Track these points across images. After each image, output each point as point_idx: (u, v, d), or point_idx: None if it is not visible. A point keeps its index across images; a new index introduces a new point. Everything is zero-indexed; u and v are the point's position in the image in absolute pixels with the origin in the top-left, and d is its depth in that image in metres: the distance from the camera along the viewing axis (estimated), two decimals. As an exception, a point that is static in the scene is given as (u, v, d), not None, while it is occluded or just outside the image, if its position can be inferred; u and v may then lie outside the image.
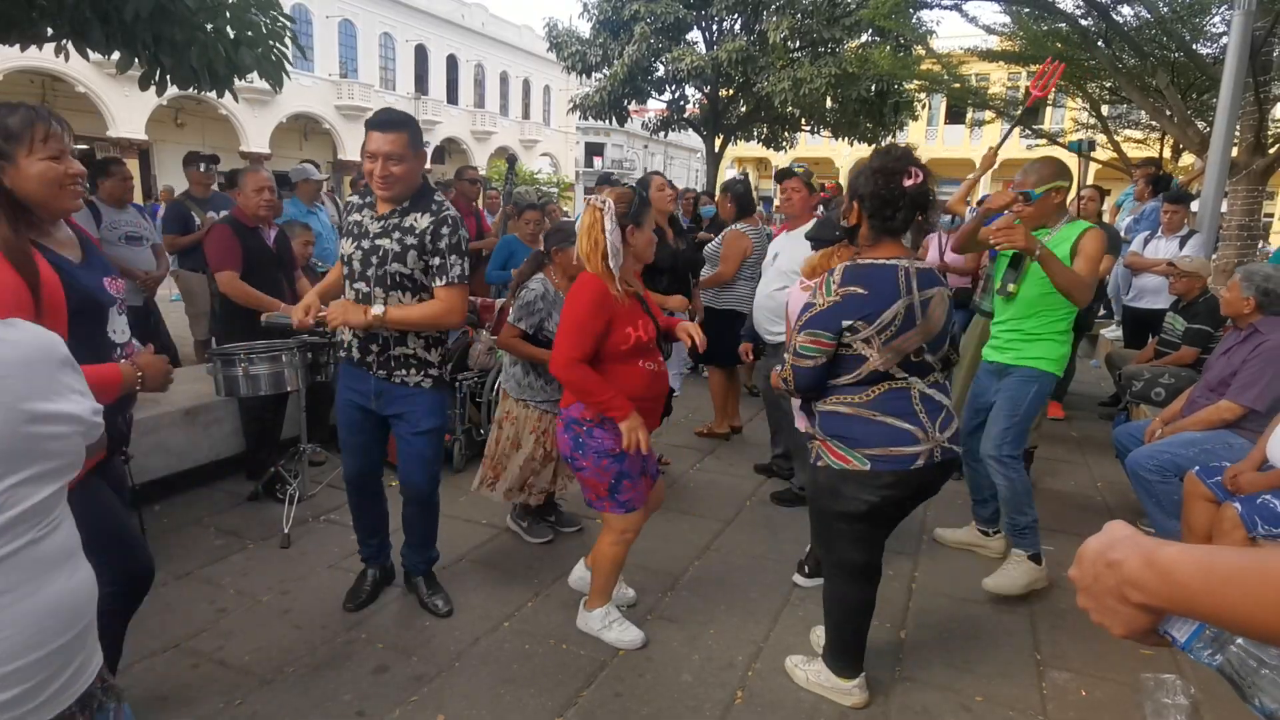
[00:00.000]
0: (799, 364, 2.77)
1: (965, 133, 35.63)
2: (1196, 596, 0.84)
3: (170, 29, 5.40)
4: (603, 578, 3.44)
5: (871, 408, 2.76)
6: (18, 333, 1.29)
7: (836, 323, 2.70)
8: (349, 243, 3.30)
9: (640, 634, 3.43)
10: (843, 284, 2.70)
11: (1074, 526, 4.80)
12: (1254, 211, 8.86)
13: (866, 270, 2.73)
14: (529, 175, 37.29)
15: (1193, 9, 11.07)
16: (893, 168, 2.71)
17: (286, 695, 2.99)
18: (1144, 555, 0.89)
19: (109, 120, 26.79)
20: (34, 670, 1.28)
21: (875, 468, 2.75)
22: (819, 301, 2.74)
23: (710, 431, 6.53)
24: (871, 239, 2.80)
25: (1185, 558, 0.86)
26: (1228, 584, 0.81)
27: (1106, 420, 7.10)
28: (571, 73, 21.40)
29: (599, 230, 3.05)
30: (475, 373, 5.48)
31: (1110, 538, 0.96)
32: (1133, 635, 0.93)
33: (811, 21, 18.30)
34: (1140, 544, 0.91)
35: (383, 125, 3.11)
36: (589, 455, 3.16)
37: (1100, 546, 0.96)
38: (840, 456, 2.80)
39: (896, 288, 2.69)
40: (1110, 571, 0.93)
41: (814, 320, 2.73)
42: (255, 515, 4.61)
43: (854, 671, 3.06)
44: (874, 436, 2.75)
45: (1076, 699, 3.13)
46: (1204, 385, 4.48)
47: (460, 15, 40.61)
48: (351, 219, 3.33)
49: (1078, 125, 17.72)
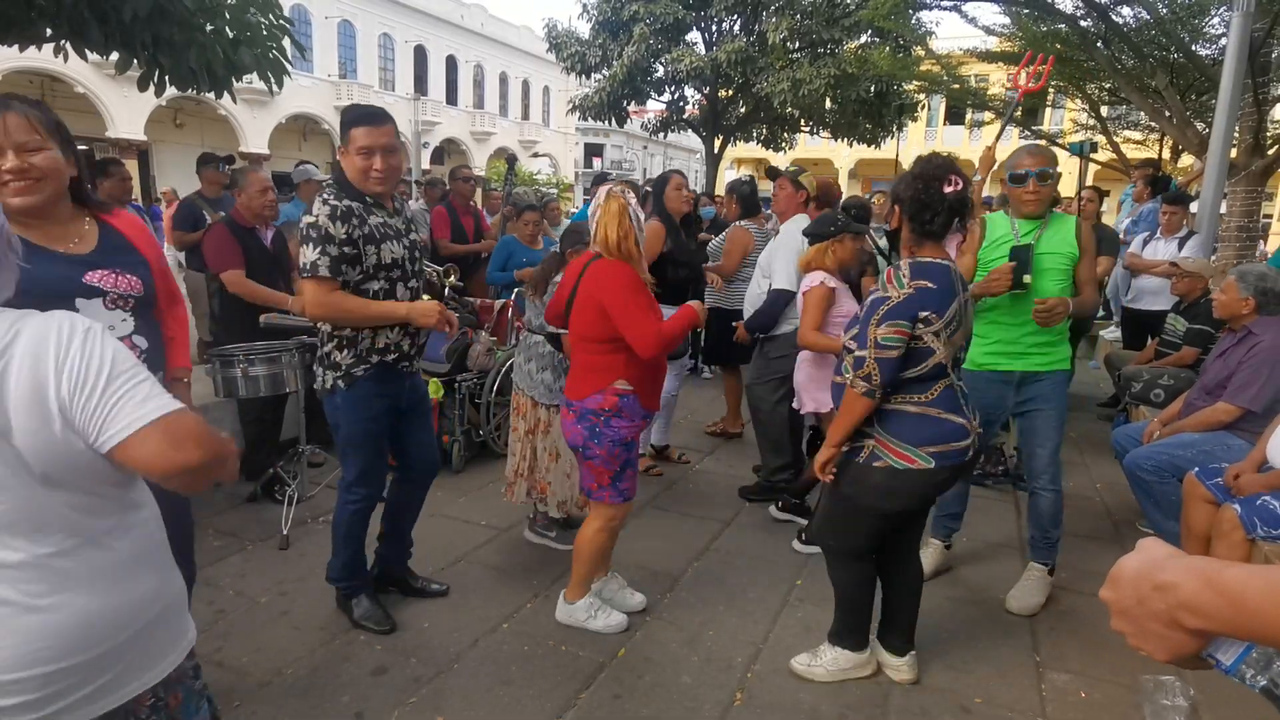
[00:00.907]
0: (884, 355, 2.79)
1: (965, 134, 35.66)
2: (1269, 620, 0.79)
3: (169, 29, 5.38)
4: (586, 567, 3.49)
5: (936, 405, 2.87)
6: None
7: (913, 313, 2.77)
8: (396, 245, 3.18)
9: (623, 617, 3.53)
10: (913, 277, 2.80)
11: (1073, 528, 4.79)
12: (1253, 212, 8.86)
13: (930, 267, 2.83)
14: (528, 176, 37.27)
15: (1192, 10, 11.08)
16: (933, 174, 2.83)
17: (285, 697, 2.99)
18: (1204, 578, 0.84)
19: (108, 121, 26.78)
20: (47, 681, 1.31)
21: (938, 464, 2.85)
22: (893, 294, 2.80)
23: (724, 430, 6.55)
24: (914, 242, 2.91)
25: (1255, 580, 0.81)
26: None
27: (1106, 421, 7.09)
28: (571, 73, 21.38)
29: (628, 216, 3.17)
30: (474, 374, 5.48)
31: (1152, 558, 0.91)
32: (1175, 660, 0.88)
33: (811, 22, 18.28)
34: (1194, 565, 0.86)
35: (374, 119, 3.08)
36: (605, 444, 3.24)
37: (1143, 568, 0.91)
38: (904, 457, 2.86)
39: (954, 285, 2.83)
40: (1159, 595, 0.87)
41: (893, 311, 2.78)
42: (254, 516, 4.60)
43: (865, 643, 3.22)
44: (938, 434, 2.86)
45: (1076, 700, 3.13)
46: (1200, 388, 4.48)
47: (459, 16, 40.61)
48: (375, 222, 3.13)
49: (1077, 126, 17.72)
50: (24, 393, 1.25)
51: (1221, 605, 0.82)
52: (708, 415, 6.92)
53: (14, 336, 1.27)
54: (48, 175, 2.18)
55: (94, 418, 1.28)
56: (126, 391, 1.31)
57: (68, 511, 1.32)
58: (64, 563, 1.32)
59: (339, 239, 3.01)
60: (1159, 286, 6.87)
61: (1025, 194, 3.65)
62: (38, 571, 1.30)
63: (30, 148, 2.12)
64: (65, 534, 1.32)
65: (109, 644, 1.38)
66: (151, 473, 1.34)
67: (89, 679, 1.36)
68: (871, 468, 2.91)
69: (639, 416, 3.28)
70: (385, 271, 3.17)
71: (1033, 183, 3.61)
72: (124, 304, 2.37)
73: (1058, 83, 14.02)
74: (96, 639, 1.36)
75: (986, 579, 4.13)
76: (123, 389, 1.31)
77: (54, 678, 1.31)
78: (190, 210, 6.98)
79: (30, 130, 2.13)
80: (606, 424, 3.22)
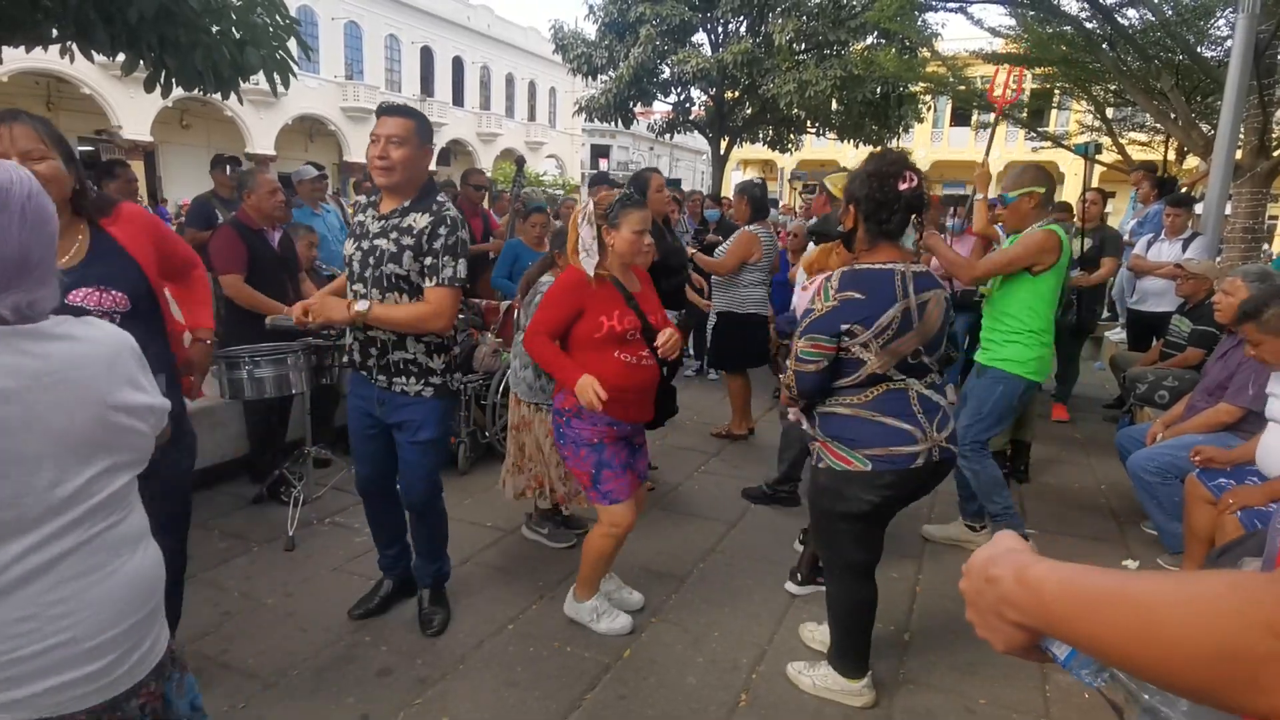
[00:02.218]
0: (801, 369, 2.79)
1: (970, 135, 35.65)
2: (1062, 618, 0.80)
3: (175, 30, 5.40)
4: (590, 569, 3.50)
5: (870, 408, 2.79)
6: (99, 331, 1.44)
7: (835, 327, 2.72)
8: (351, 243, 3.25)
9: (627, 620, 3.53)
10: (840, 289, 2.74)
11: (1077, 529, 4.81)
12: (1258, 214, 8.82)
13: (863, 274, 2.76)
14: (535, 177, 37.31)
15: (1197, 12, 11.05)
16: (887, 171, 2.75)
17: (290, 698, 3.00)
18: (1016, 572, 0.86)
19: (114, 122, 26.86)
20: (120, 641, 1.42)
21: (876, 468, 2.77)
22: (817, 307, 2.76)
23: (729, 433, 6.55)
24: (868, 242, 2.83)
25: (1051, 576, 0.83)
26: (1088, 606, 0.77)
27: (1111, 423, 7.09)
28: (577, 75, 21.37)
29: (572, 228, 3.25)
30: (480, 375, 5.49)
31: (993, 551, 0.93)
32: (1012, 652, 0.89)
33: (817, 24, 18.26)
34: (1014, 560, 0.89)
35: (391, 110, 3.11)
36: (569, 444, 3.31)
37: (984, 560, 0.93)
38: (841, 458, 2.82)
39: (894, 291, 2.73)
40: (990, 587, 0.90)
41: (813, 325, 2.76)
42: (260, 518, 4.62)
43: (860, 671, 3.08)
44: (874, 437, 2.77)
45: (1079, 701, 3.13)
46: (1202, 389, 4.49)
47: (466, 17, 40.68)
48: (356, 219, 3.32)
49: (1083, 128, 17.70)
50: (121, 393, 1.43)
51: (1029, 601, 0.84)
52: (713, 418, 6.93)
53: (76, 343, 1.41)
54: (49, 184, 2.19)
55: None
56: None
57: (124, 482, 1.47)
58: (121, 529, 1.45)
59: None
60: (1163, 288, 6.86)
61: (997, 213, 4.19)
62: (113, 538, 1.43)
63: (34, 156, 2.20)
64: (122, 504, 1.46)
65: (154, 600, 1.52)
66: None
67: (145, 635, 1.49)
68: (818, 469, 2.94)
69: (602, 422, 3.24)
70: (346, 266, 3.31)
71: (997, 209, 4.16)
72: (110, 317, 2.40)
73: (1063, 85, 14.00)
74: (148, 594, 1.50)
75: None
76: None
77: (127, 634, 1.43)
78: (204, 208, 6.98)
79: (35, 140, 2.21)
80: (567, 424, 3.30)
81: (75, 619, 1.35)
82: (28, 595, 1.30)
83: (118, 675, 1.41)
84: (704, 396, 7.73)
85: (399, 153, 3.05)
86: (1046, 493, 5.44)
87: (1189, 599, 0.68)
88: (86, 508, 1.36)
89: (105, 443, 1.39)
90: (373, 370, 3.27)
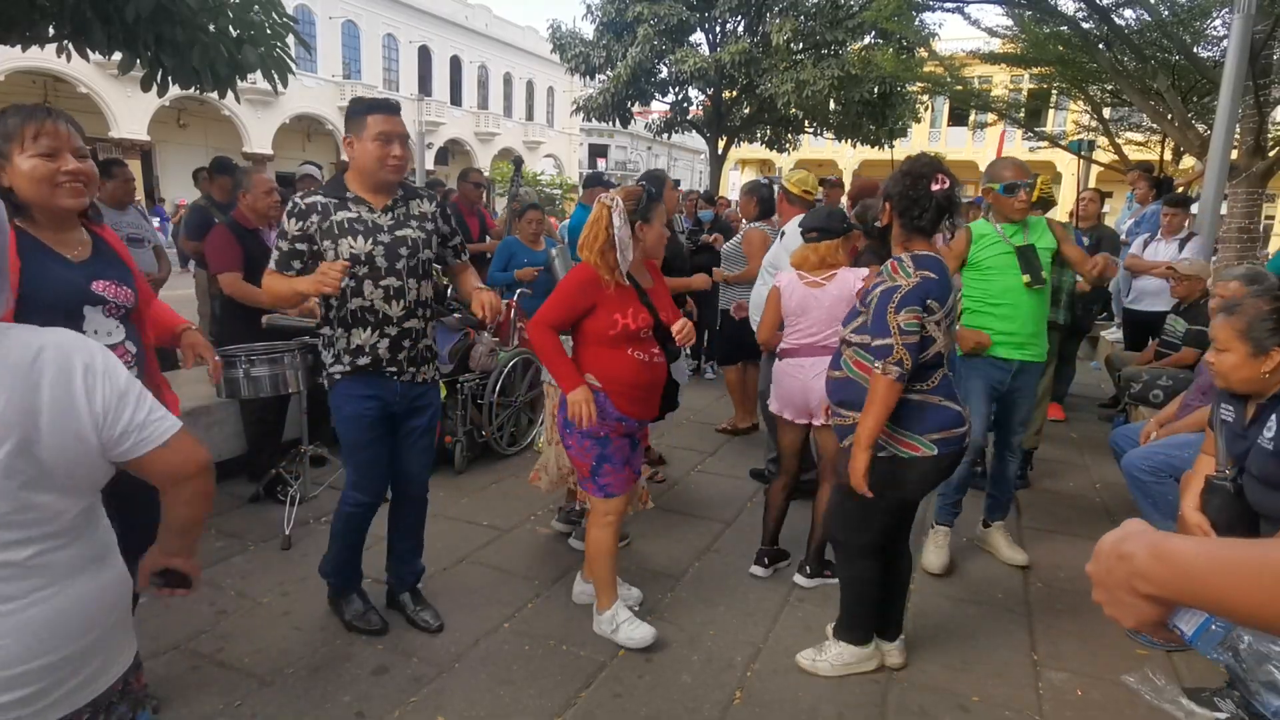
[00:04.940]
0: (909, 340, 2.85)
1: (968, 135, 35.69)
2: (1200, 584, 0.85)
3: (172, 29, 5.38)
4: (601, 570, 3.46)
5: (937, 393, 2.96)
6: (14, 339, 1.35)
7: (923, 300, 2.86)
8: (362, 240, 3.09)
9: (651, 630, 3.42)
10: (918, 267, 2.89)
11: (1072, 528, 4.82)
12: (1254, 214, 8.86)
13: (929, 259, 2.93)
14: (532, 177, 37.32)
15: (1193, 12, 11.07)
16: (921, 171, 2.94)
17: (286, 696, 3.00)
18: (1151, 546, 0.91)
19: (111, 121, 26.84)
20: (47, 673, 1.36)
21: (940, 451, 2.93)
22: (903, 283, 2.88)
23: (734, 427, 6.62)
24: (904, 237, 3.00)
25: (1189, 546, 0.88)
26: (1229, 571, 0.82)
27: (1106, 422, 7.11)
28: (575, 74, 21.41)
29: (602, 226, 3.19)
30: (477, 374, 5.50)
31: (1124, 532, 0.98)
32: (1142, 627, 0.95)
33: (814, 23, 18.31)
34: (1150, 537, 0.94)
35: (390, 107, 3.11)
36: (574, 435, 3.30)
37: (1115, 540, 0.98)
38: (909, 445, 2.94)
39: (949, 277, 2.94)
40: (1121, 564, 0.94)
41: (907, 298, 2.87)
42: (256, 517, 4.62)
43: (868, 638, 3.27)
44: (939, 421, 2.94)
45: (1072, 699, 3.14)
46: (1196, 389, 4.50)
47: (464, 17, 40.68)
48: (342, 217, 3.10)
49: (1080, 128, 17.72)
50: (58, 406, 1.34)
51: (1166, 572, 0.89)
52: (712, 415, 6.94)
53: (38, 351, 1.34)
54: (92, 181, 2.32)
55: (128, 430, 1.44)
56: (151, 406, 1.49)
57: (61, 510, 1.39)
58: (57, 556, 1.39)
59: (291, 234, 3.10)
60: (1159, 288, 6.88)
61: (1018, 202, 4.07)
62: (37, 567, 1.36)
63: (81, 154, 2.26)
64: (57, 532, 1.39)
65: (97, 630, 1.45)
66: (179, 473, 1.57)
67: (80, 667, 1.43)
68: (877, 459, 2.95)
69: (611, 417, 3.26)
70: (357, 265, 3.11)
71: (1024, 192, 4.05)
72: (118, 313, 2.45)
73: (1060, 84, 14.03)
74: (87, 626, 1.43)
75: (985, 579, 4.15)
76: (148, 404, 1.49)
77: (55, 667, 1.37)
78: (200, 214, 6.97)
79: (80, 138, 2.28)
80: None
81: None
82: None
83: (41, 706, 1.37)
84: (701, 395, 7.73)
85: (408, 150, 3.14)
86: (1042, 491, 5.45)
87: None
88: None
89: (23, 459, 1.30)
90: (403, 364, 3.24)
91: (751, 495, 5.24)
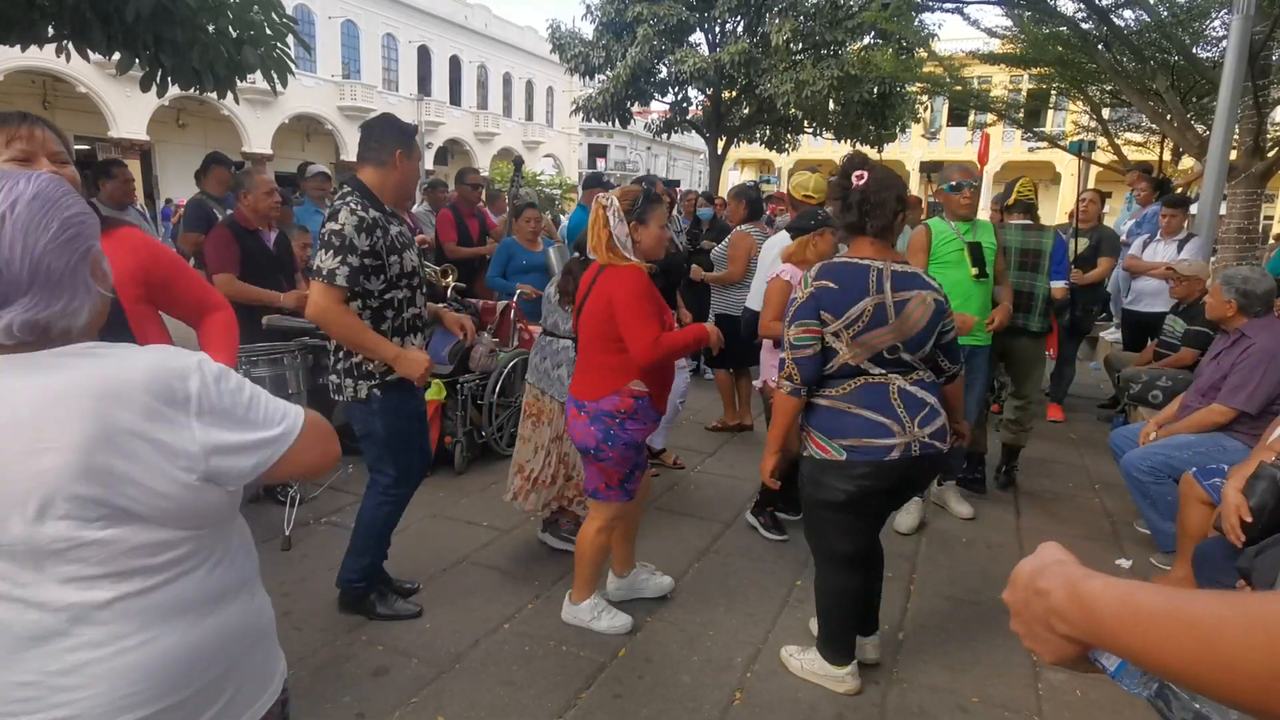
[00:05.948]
0: (798, 355, 2.89)
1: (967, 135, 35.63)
2: (1116, 634, 0.81)
3: (171, 29, 5.38)
4: (590, 568, 3.52)
5: (848, 400, 2.90)
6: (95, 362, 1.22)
7: (814, 313, 2.86)
8: (409, 254, 3.30)
9: (629, 619, 3.54)
10: (817, 278, 2.89)
11: (1072, 527, 4.82)
12: (1253, 215, 8.85)
13: (839, 267, 2.91)
14: (532, 177, 37.33)
15: (1192, 13, 11.06)
16: (845, 169, 2.98)
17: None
18: (1068, 586, 0.87)
19: (110, 121, 26.81)
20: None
21: (850, 458, 2.87)
22: (798, 295, 2.92)
23: (723, 425, 6.67)
24: (846, 238, 3.06)
25: (1107, 593, 0.83)
26: (1145, 624, 0.78)
27: (1105, 422, 7.11)
28: (574, 74, 21.39)
29: (600, 226, 3.20)
30: (476, 375, 5.50)
31: (1040, 562, 0.94)
32: (1061, 664, 0.91)
33: (814, 24, 18.32)
34: (1067, 573, 0.89)
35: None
36: (618, 446, 3.25)
37: (1031, 571, 0.94)
38: (820, 446, 2.93)
39: (866, 285, 2.85)
40: (1039, 599, 0.91)
41: (798, 312, 2.90)
42: (256, 517, 4.61)
43: (846, 659, 3.15)
44: (850, 428, 2.88)
45: (1072, 699, 3.15)
46: (1195, 390, 4.50)
47: (463, 16, 40.65)
48: (395, 232, 3.24)
49: (1079, 129, 17.72)
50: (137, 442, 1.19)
51: (1082, 616, 0.85)
52: (710, 416, 6.95)
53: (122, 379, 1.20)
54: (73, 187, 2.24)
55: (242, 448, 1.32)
56: (266, 413, 1.40)
57: (157, 548, 1.25)
58: (151, 599, 1.25)
59: (361, 250, 3.07)
60: (1158, 288, 6.89)
61: (963, 199, 4.59)
62: (125, 610, 1.23)
63: (59, 160, 2.16)
64: (149, 570, 1.24)
65: (199, 682, 1.31)
66: (314, 469, 1.48)
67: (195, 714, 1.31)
68: (803, 458, 3.03)
69: (651, 419, 3.31)
70: (407, 279, 3.29)
71: (967, 191, 4.57)
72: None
73: (1059, 85, 14.02)
74: (186, 678, 1.29)
75: (984, 579, 4.15)
76: (263, 400, 1.41)
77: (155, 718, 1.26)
78: (200, 208, 6.91)
79: (59, 143, 2.19)
80: (621, 426, 3.23)
81: (80, 694, 1.19)
82: (34, 657, 1.17)
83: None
84: (699, 396, 7.73)
85: None
86: (1041, 492, 5.45)
87: (1250, 622, 0.70)
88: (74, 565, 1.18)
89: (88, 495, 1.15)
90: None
91: (750, 496, 5.24)
